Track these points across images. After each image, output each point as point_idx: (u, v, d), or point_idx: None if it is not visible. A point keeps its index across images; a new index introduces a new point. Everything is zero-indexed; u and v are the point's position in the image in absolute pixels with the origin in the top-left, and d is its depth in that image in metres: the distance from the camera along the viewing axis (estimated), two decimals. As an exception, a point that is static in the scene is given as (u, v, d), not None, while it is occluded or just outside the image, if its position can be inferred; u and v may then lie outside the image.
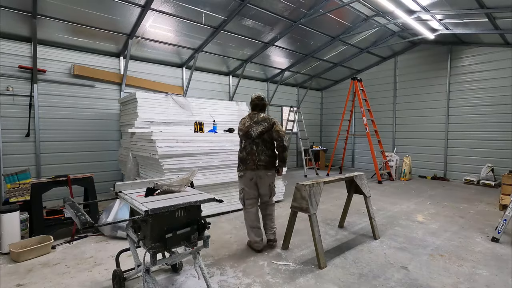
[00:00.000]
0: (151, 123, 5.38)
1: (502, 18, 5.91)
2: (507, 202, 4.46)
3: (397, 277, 2.80)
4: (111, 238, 3.76)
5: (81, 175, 4.13)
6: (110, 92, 6.36)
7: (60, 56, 5.71)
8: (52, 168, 5.60)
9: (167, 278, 2.78)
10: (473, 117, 7.89)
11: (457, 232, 4.06)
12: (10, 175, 4.00)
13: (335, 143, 9.40)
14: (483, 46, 7.68)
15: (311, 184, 3.15)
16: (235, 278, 2.79)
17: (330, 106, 11.69)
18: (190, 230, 2.21)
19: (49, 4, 4.73)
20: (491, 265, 3.07)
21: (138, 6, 5.16)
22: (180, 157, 4.40)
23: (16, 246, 3.19)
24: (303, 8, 6.18)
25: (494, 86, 7.49)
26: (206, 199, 2.30)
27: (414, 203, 5.63)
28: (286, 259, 3.19)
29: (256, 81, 9.46)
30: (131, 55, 6.45)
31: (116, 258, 2.69)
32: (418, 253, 3.36)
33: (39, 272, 2.90)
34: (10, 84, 5.18)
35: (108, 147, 6.36)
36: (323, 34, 7.40)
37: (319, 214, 4.63)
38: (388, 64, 9.76)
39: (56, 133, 5.70)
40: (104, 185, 5.97)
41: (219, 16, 5.93)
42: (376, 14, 6.83)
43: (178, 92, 7.30)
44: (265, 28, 6.64)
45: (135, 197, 2.32)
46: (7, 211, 3.31)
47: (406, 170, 8.26)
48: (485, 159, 7.61)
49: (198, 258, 2.39)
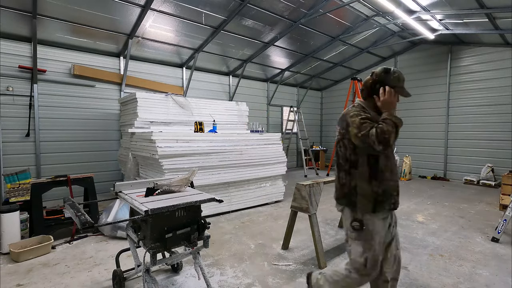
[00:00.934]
0: (151, 123, 5.38)
1: (502, 18, 5.91)
2: (507, 202, 4.46)
3: (397, 277, 2.80)
4: (111, 238, 3.76)
5: (81, 175, 4.14)
6: (110, 92, 6.36)
7: (60, 56, 5.71)
8: (52, 168, 5.60)
9: (167, 278, 2.78)
10: (473, 117, 7.89)
11: (457, 232, 4.06)
12: (10, 175, 4.00)
13: (335, 143, 9.38)
14: (483, 46, 7.68)
15: (311, 184, 3.15)
16: (235, 278, 2.79)
17: (330, 106, 11.69)
18: (190, 230, 2.21)
19: (49, 4, 4.73)
20: (491, 265, 3.07)
21: (138, 6, 5.16)
22: (180, 157, 4.40)
23: (16, 246, 3.19)
24: (303, 8, 6.18)
25: (494, 86, 7.49)
26: (206, 199, 2.30)
27: (414, 203, 5.62)
28: (286, 259, 3.19)
29: (256, 81, 9.46)
30: (131, 55, 6.45)
31: (116, 258, 2.69)
32: (418, 253, 3.36)
33: (39, 272, 2.90)
34: (10, 84, 5.18)
35: (108, 147, 6.36)
36: (323, 34, 7.40)
37: (319, 214, 4.63)
38: (388, 64, 9.75)
39: (56, 133, 5.70)
40: (104, 185, 5.97)
41: (219, 16, 5.93)
42: (376, 14, 6.83)
43: (178, 92, 7.30)
44: (265, 28, 6.64)
45: (135, 197, 2.32)
46: (7, 211, 3.31)
47: (406, 170, 8.26)
48: (485, 159, 7.61)
49: (198, 258, 2.39)
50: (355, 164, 1.89)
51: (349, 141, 1.88)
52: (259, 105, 9.57)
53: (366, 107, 1.94)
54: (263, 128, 7.42)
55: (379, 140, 1.67)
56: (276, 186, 5.59)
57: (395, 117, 1.77)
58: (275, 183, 5.60)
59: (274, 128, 10.24)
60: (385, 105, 1.83)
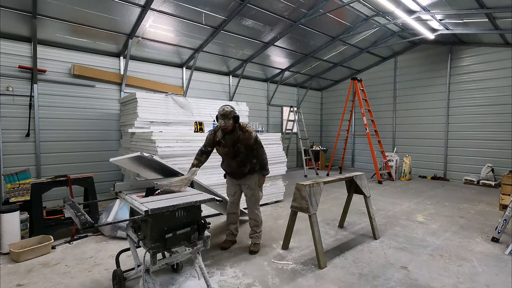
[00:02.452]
0: (151, 123, 5.38)
1: (502, 18, 5.91)
2: (507, 202, 4.46)
3: (397, 277, 2.80)
4: (111, 238, 3.76)
5: (81, 175, 4.13)
6: (110, 92, 6.36)
7: (60, 56, 5.71)
8: (52, 168, 5.60)
9: (167, 278, 2.78)
10: (473, 117, 7.89)
11: (457, 232, 4.06)
12: (10, 175, 4.00)
13: (335, 143, 9.40)
14: (483, 46, 7.68)
15: (311, 184, 3.15)
16: (235, 278, 2.79)
17: (330, 106, 11.69)
18: (190, 230, 2.21)
19: (49, 4, 4.73)
20: (491, 265, 3.07)
21: (138, 6, 5.16)
22: (180, 157, 4.40)
23: (16, 246, 3.19)
24: (303, 8, 6.18)
25: (494, 86, 7.49)
26: (206, 199, 2.30)
27: (414, 203, 5.62)
28: (286, 259, 3.19)
29: (256, 81, 9.47)
30: (131, 55, 6.45)
31: (116, 258, 2.68)
32: (418, 253, 3.36)
33: (39, 272, 2.90)
34: (10, 84, 5.18)
35: (108, 147, 6.36)
36: (323, 34, 7.40)
37: (319, 214, 4.63)
38: (388, 64, 9.76)
39: (56, 133, 5.70)
40: (104, 185, 5.98)
41: (219, 16, 5.93)
42: (376, 14, 6.83)
43: (178, 92, 7.30)
44: (265, 28, 6.64)
45: (135, 197, 2.32)
46: (7, 211, 3.31)
47: (406, 170, 8.26)
48: (485, 159, 7.61)
49: (198, 258, 2.39)
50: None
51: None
52: (259, 105, 9.58)
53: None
54: (263, 128, 7.43)
55: None
56: (276, 186, 5.59)
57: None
58: (275, 183, 5.60)
59: (274, 128, 10.24)
60: None
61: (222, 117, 2.99)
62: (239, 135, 3.15)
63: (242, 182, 3.41)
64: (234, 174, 3.38)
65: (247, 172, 3.32)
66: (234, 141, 3.14)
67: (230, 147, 3.17)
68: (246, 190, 3.42)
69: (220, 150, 3.25)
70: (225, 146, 3.19)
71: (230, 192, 3.51)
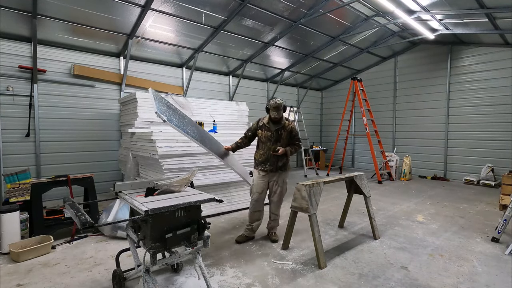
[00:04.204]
0: (151, 123, 5.37)
1: (502, 18, 5.91)
2: (507, 202, 4.46)
3: (397, 277, 2.80)
4: (111, 238, 3.76)
5: (81, 175, 4.13)
6: (110, 92, 6.36)
7: (60, 56, 5.71)
8: (52, 168, 5.60)
9: (167, 278, 2.78)
10: (473, 117, 7.89)
11: (457, 232, 4.06)
12: (10, 175, 4.00)
13: (335, 143, 9.40)
14: (483, 46, 7.68)
15: (311, 184, 3.15)
16: (235, 278, 2.79)
17: (330, 106, 11.69)
18: (190, 230, 2.21)
19: (49, 4, 4.73)
20: (491, 265, 3.07)
21: (138, 6, 5.16)
22: (180, 157, 4.40)
23: (16, 246, 3.19)
24: (303, 8, 6.18)
25: (494, 86, 7.50)
26: (206, 199, 2.30)
27: (414, 203, 5.62)
28: (286, 259, 3.19)
29: (256, 81, 9.46)
30: (131, 55, 6.45)
31: (116, 258, 2.68)
32: (418, 253, 3.36)
33: (39, 272, 2.90)
34: (10, 84, 5.18)
35: (108, 147, 6.36)
36: (323, 34, 7.40)
37: (319, 214, 4.63)
38: (388, 64, 9.76)
39: (56, 133, 5.70)
40: (104, 185, 5.97)
41: (219, 16, 5.93)
42: (376, 14, 6.83)
43: (178, 92, 7.30)
44: (265, 28, 6.64)
45: (135, 197, 2.32)
46: (7, 211, 3.30)
47: (406, 170, 8.26)
48: (485, 159, 7.61)
49: (198, 258, 2.39)
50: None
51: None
52: (259, 105, 9.56)
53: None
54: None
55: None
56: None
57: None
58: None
59: (274, 128, 10.22)
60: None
61: (274, 109, 3.40)
62: (284, 122, 3.55)
63: (272, 179, 3.59)
64: (267, 163, 3.53)
65: (280, 166, 3.55)
66: (279, 127, 3.51)
67: (274, 131, 3.50)
68: (274, 186, 3.60)
69: (263, 134, 3.56)
70: (268, 130, 3.52)
71: (258, 190, 3.59)
